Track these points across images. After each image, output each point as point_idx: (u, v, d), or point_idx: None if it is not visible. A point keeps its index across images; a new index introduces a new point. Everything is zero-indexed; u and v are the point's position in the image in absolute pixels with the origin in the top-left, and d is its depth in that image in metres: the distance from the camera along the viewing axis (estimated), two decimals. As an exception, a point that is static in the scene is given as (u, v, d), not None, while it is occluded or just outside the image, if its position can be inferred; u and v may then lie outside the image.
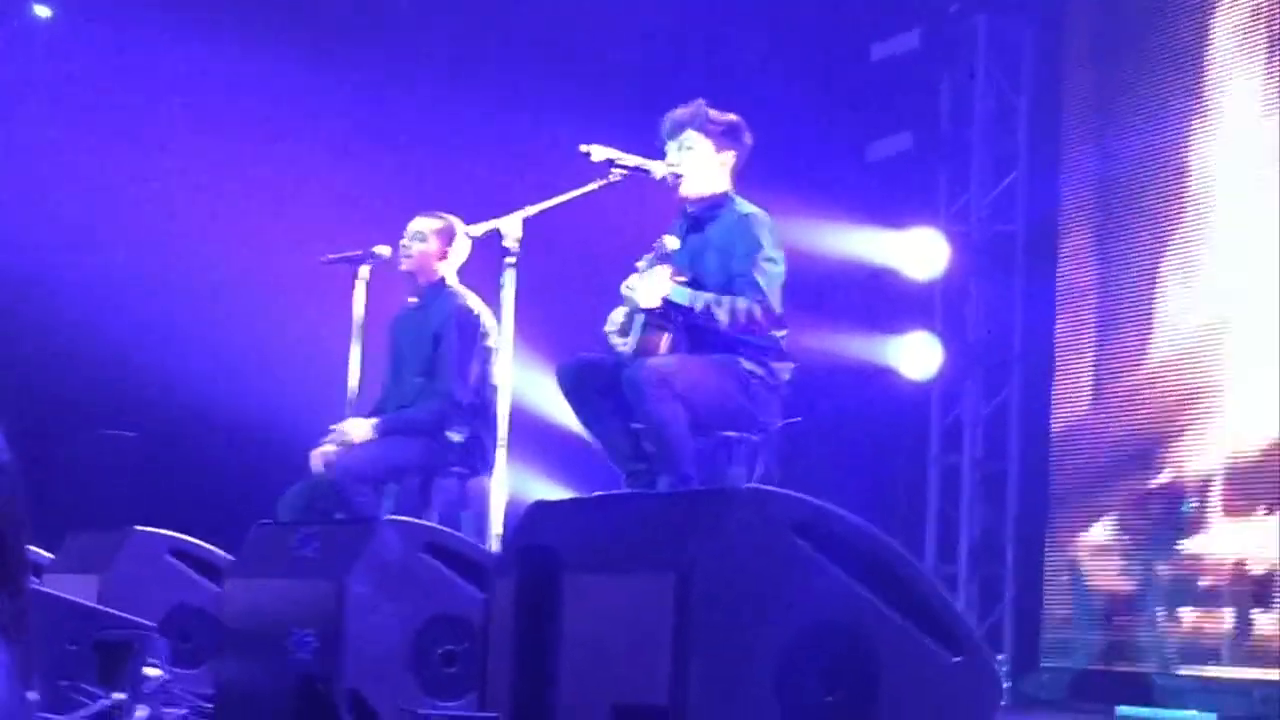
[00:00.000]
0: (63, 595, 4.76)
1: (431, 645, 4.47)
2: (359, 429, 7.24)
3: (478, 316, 7.24)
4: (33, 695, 3.09)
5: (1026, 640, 10.26)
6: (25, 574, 3.16)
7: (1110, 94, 10.07)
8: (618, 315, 6.29)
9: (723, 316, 6.10)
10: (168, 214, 9.86)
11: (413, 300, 7.53)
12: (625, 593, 3.28)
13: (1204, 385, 9.26)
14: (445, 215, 7.43)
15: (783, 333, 6.39)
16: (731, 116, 6.45)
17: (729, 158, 6.41)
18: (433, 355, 7.34)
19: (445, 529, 5.14)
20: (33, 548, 6.61)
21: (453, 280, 7.45)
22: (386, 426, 7.26)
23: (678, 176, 6.36)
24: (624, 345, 6.21)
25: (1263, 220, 8.86)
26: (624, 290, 6.24)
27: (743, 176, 6.50)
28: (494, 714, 2.98)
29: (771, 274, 6.21)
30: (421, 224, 7.43)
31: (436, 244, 7.40)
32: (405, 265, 7.44)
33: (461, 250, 7.40)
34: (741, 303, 6.13)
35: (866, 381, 10.61)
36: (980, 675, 3.33)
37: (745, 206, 6.36)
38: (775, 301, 6.22)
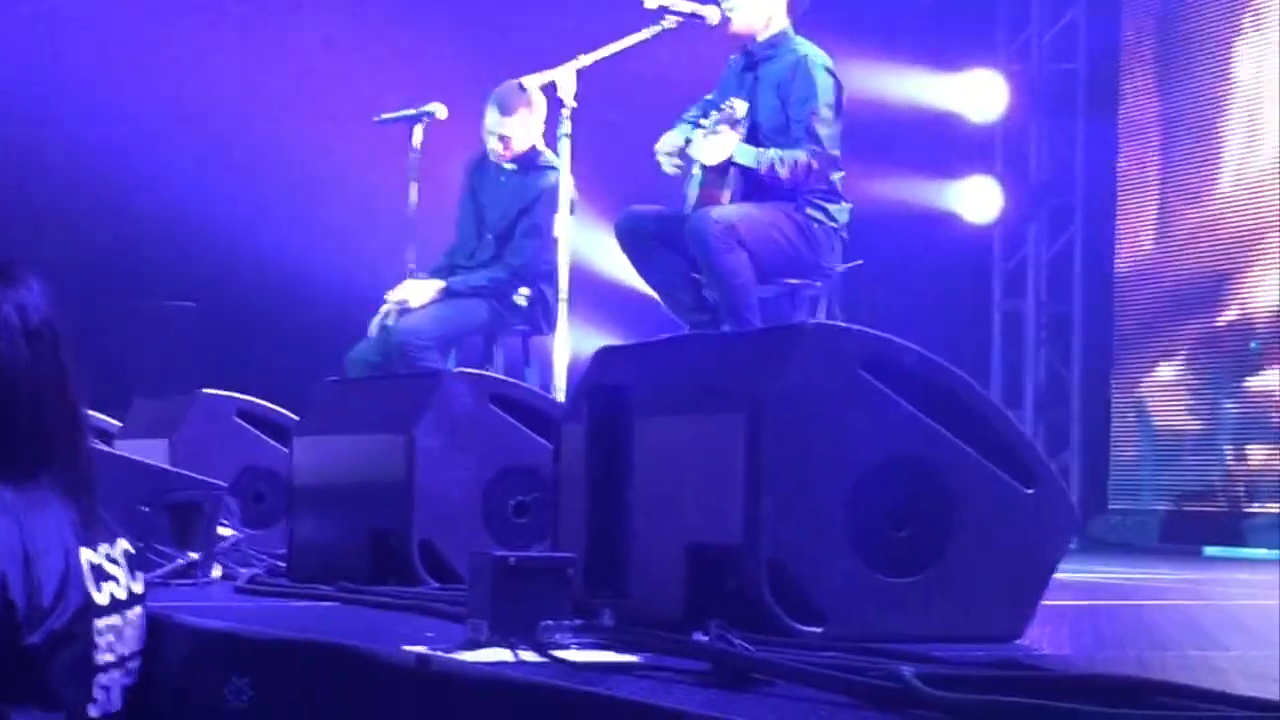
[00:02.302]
0: (134, 457, 4.78)
1: (502, 496, 4.46)
2: (421, 292, 7.23)
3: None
4: (112, 549, 3.11)
5: (1094, 483, 10.26)
6: (84, 436, 3.18)
7: (1170, -75, 9.89)
8: (673, 138, 6.21)
9: (784, 172, 6.07)
10: (222, 81, 9.82)
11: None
12: (696, 434, 3.26)
13: (1269, 220, 9.15)
14: (517, 91, 7.16)
15: (839, 174, 6.33)
16: None
17: (781, -9, 6.30)
18: (515, 225, 7.25)
19: (513, 380, 5.14)
20: (101, 416, 6.67)
21: (543, 147, 7.29)
22: (451, 289, 7.24)
23: (728, 17, 6.27)
24: (674, 168, 6.16)
25: (1329, 49, 8.72)
26: (690, 151, 6.17)
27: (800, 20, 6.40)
28: (569, 554, 2.98)
29: (829, 122, 6.15)
30: (498, 123, 7.19)
31: (519, 128, 7.21)
32: (494, 157, 7.29)
33: (540, 114, 7.19)
34: (801, 155, 6.09)
35: (928, 227, 10.54)
36: (1054, 506, 3.30)
37: (804, 46, 6.27)
38: (832, 148, 6.17)
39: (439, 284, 7.25)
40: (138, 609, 3.19)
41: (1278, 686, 2.50)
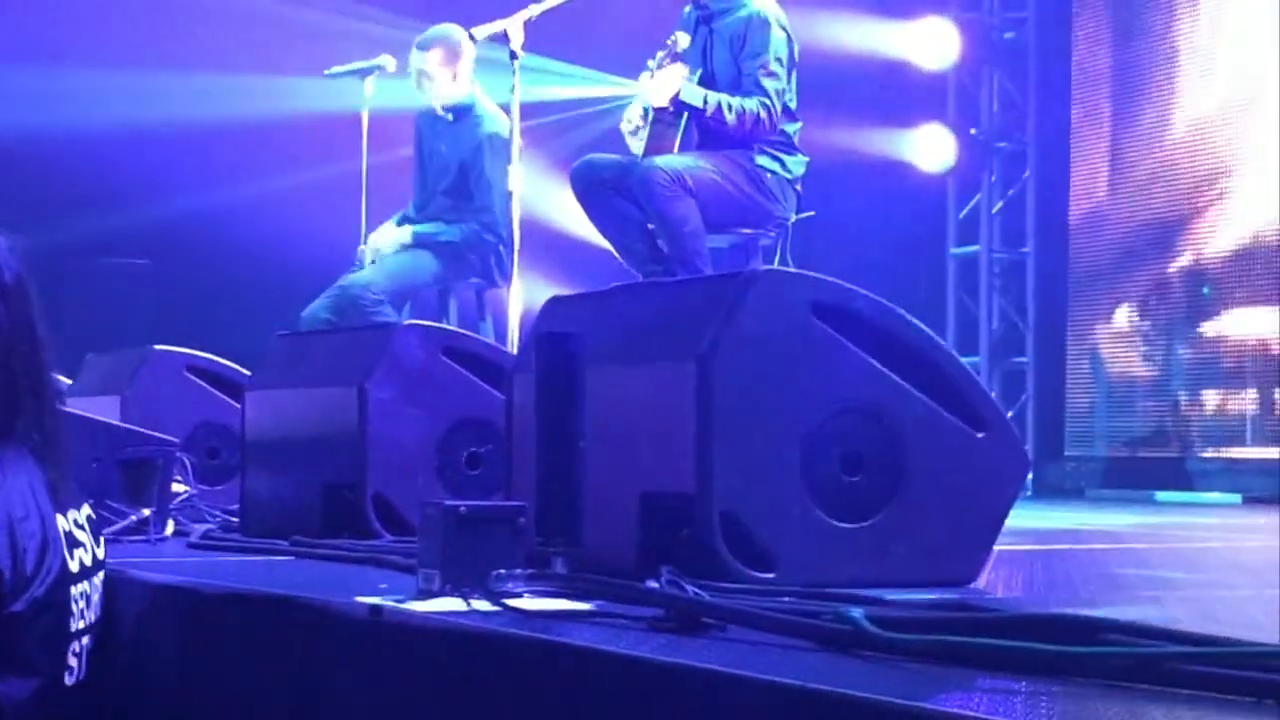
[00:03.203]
0: (85, 414, 4.74)
1: (455, 448, 4.45)
2: (392, 237, 7.26)
3: (506, 140, 6.95)
4: (79, 514, 3.08)
5: (1050, 429, 10.29)
6: (52, 396, 3.14)
7: None
8: (633, 113, 6.22)
9: (730, 119, 6.06)
10: (174, 36, 9.75)
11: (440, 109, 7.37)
12: (647, 382, 3.25)
13: (1222, 166, 9.18)
14: (441, 32, 7.20)
15: (796, 126, 6.32)
16: None
17: (733, -53, 6.29)
18: (465, 181, 7.24)
19: (465, 332, 5.12)
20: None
21: (478, 94, 7.28)
22: (417, 240, 7.26)
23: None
24: (639, 145, 6.17)
25: (1280, -6, 8.74)
26: (635, 89, 6.18)
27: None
28: (520, 503, 2.98)
29: (779, 76, 6.14)
30: (418, 60, 7.20)
31: (442, 71, 7.20)
32: (427, 99, 7.29)
33: (469, 59, 7.22)
34: (750, 104, 6.08)
35: (881, 176, 10.54)
36: (1006, 450, 3.31)
37: (757, 1, 6.26)
38: (783, 103, 6.16)
39: (406, 233, 7.27)
40: (101, 574, 3.16)
41: (1225, 626, 2.52)
